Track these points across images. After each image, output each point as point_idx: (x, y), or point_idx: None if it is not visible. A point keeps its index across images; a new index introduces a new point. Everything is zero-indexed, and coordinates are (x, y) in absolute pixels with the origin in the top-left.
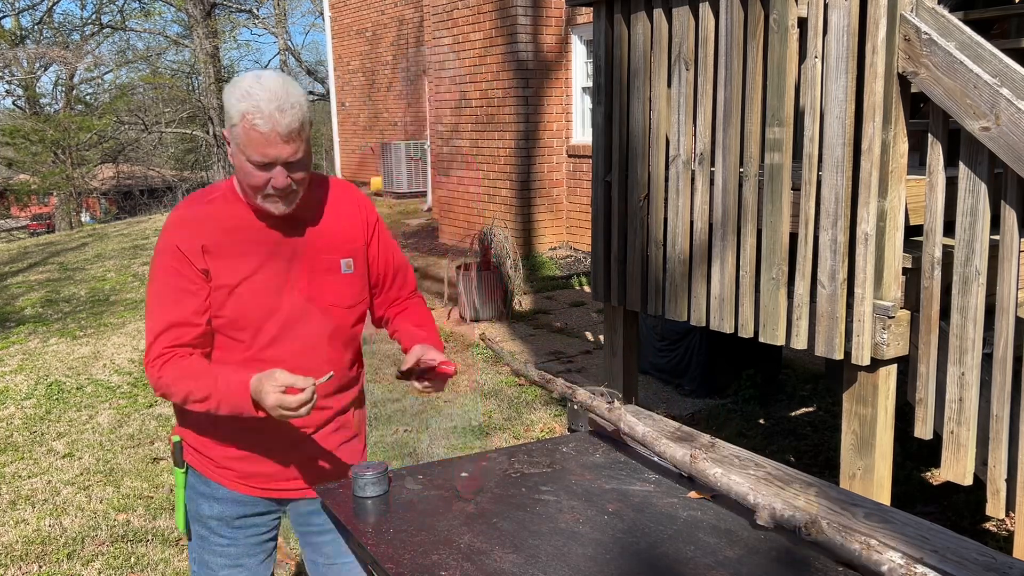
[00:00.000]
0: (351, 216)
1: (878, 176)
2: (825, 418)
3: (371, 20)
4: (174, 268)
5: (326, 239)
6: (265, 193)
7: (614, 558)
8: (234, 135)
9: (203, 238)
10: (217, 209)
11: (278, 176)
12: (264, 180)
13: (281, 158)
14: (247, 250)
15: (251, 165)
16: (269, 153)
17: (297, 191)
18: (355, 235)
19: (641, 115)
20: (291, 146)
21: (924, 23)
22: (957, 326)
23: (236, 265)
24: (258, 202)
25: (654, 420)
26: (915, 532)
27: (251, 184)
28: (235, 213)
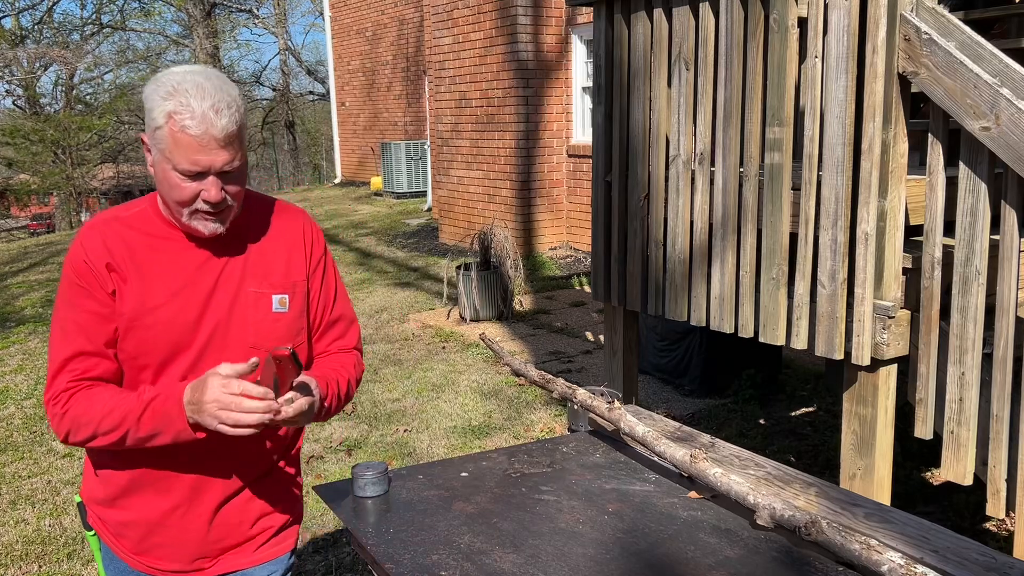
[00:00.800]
0: (293, 245)
1: (878, 176)
2: (825, 418)
3: (371, 20)
4: (80, 288)
5: (259, 269)
6: (194, 209)
7: (614, 558)
8: (157, 139)
9: (110, 256)
10: (131, 224)
11: (211, 188)
12: (193, 193)
13: (215, 166)
14: (161, 274)
15: (178, 175)
16: (201, 161)
17: (232, 207)
18: (295, 268)
19: (641, 115)
20: (227, 152)
21: (924, 23)
22: (957, 326)
23: (145, 290)
24: (185, 220)
25: (654, 420)
26: (915, 532)
27: (178, 199)
28: (152, 231)
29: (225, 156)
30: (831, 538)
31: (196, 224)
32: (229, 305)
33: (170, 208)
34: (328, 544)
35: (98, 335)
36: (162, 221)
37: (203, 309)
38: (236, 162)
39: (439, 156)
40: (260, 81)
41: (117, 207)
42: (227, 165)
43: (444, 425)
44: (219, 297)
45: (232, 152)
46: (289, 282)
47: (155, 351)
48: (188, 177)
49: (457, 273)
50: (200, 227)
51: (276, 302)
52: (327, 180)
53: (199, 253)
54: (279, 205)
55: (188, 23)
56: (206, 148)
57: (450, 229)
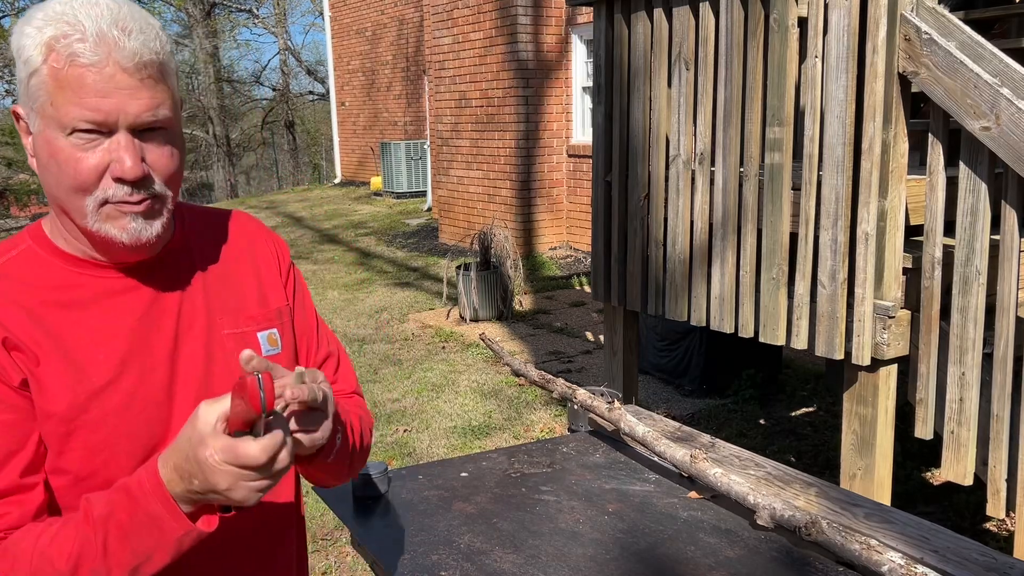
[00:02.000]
0: (262, 261)
1: (878, 176)
2: (825, 418)
3: (371, 20)
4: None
5: (228, 300)
6: (101, 200)
7: (614, 558)
8: (33, 93)
9: (3, 328)
10: (17, 276)
11: (122, 153)
12: (95, 168)
13: (127, 114)
14: (91, 338)
15: (69, 142)
16: (102, 105)
17: (163, 196)
18: (272, 291)
19: (641, 115)
20: (144, 93)
21: (924, 23)
22: (957, 326)
23: (76, 369)
24: (92, 226)
25: (654, 420)
26: (916, 532)
27: (73, 182)
28: (53, 277)
29: (141, 99)
30: (831, 538)
31: (109, 229)
32: (204, 359)
33: (70, 217)
34: (328, 544)
35: (10, 458)
36: (65, 259)
37: (170, 373)
38: (162, 110)
39: (439, 156)
40: (260, 81)
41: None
42: (146, 114)
43: (444, 425)
44: (186, 350)
45: (152, 94)
46: (272, 311)
47: (118, 456)
48: (84, 139)
49: (457, 273)
50: (115, 232)
51: (265, 340)
52: (327, 180)
53: (137, 294)
54: (219, 213)
55: (188, 23)
56: (109, 84)
57: (450, 229)
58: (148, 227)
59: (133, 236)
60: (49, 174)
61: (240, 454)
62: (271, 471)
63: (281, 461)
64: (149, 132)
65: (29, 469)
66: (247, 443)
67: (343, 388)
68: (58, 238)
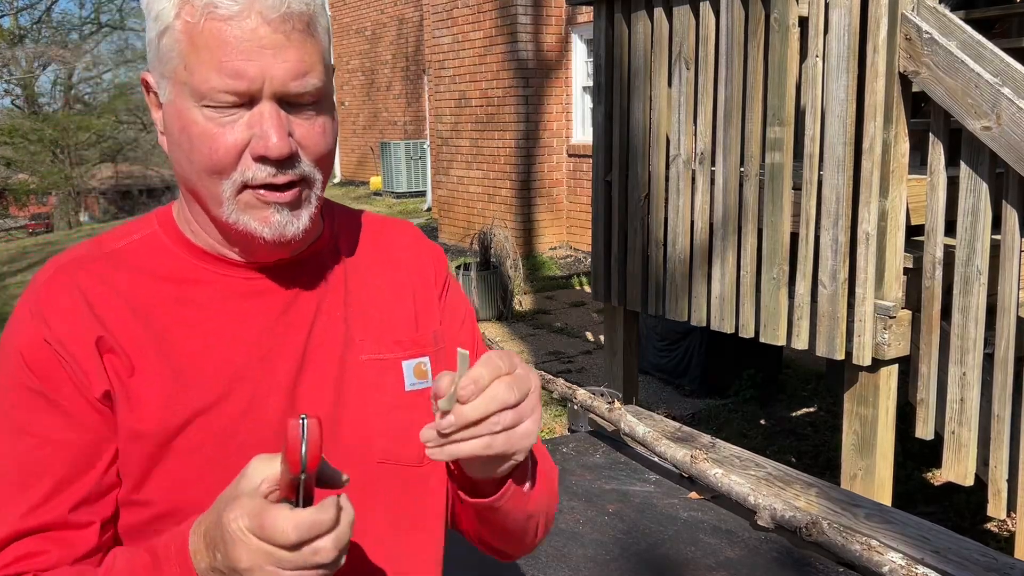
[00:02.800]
0: (418, 277)
1: (879, 176)
2: (826, 418)
3: (371, 19)
4: (33, 395)
5: (372, 319)
6: (241, 184)
7: (614, 559)
8: (165, 55)
9: (101, 326)
10: (134, 264)
11: (267, 126)
12: (235, 145)
13: (274, 78)
14: (204, 346)
15: (204, 113)
16: (247, 70)
17: (312, 180)
18: (427, 312)
19: (642, 114)
20: (291, 52)
21: (925, 22)
22: (958, 326)
23: (179, 382)
24: (229, 216)
25: (654, 420)
26: (916, 533)
27: (208, 163)
28: (174, 270)
29: (288, 60)
30: (832, 539)
31: (249, 221)
32: (333, 388)
33: (203, 204)
34: None
35: (63, 486)
36: (190, 251)
37: (289, 400)
38: (312, 77)
39: (439, 156)
40: None
41: (98, 237)
42: (295, 81)
43: None
44: (313, 374)
45: (301, 55)
46: (427, 336)
47: (209, 493)
48: (223, 111)
49: (457, 273)
50: (255, 225)
51: (411, 371)
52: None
53: (267, 299)
54: (374, 217)
55: None
56: (252, 42)
57: (450, 229)
58: (295, 220)
59: (276, 231)
60: (180, 152)
61: (266, 524)
62: (308, 561)
63: (322, 551)
64: (298, 104)
65: (86, 502)
66: (278, 511)
67: None
68: (186, 228)
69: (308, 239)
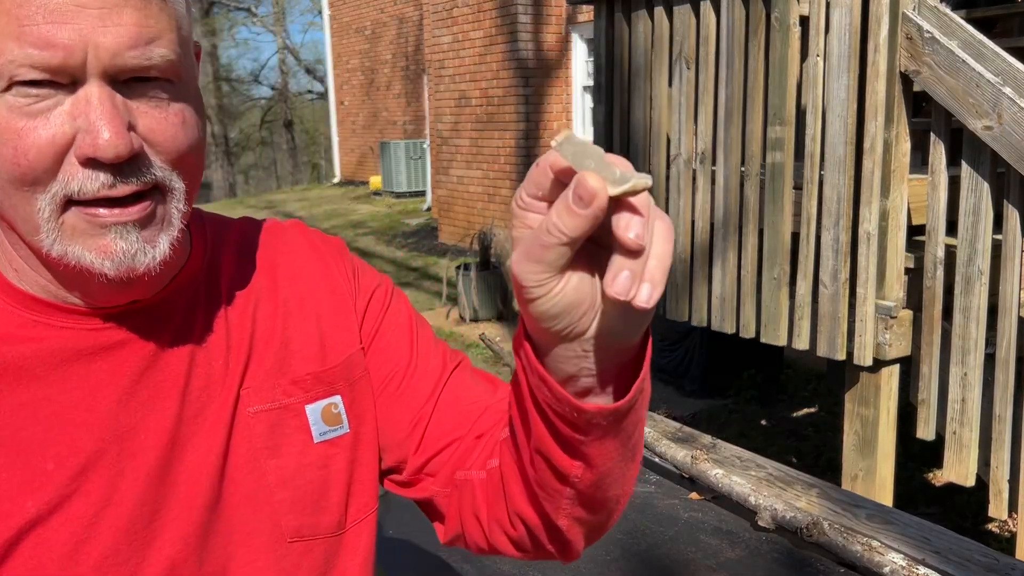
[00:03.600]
0: (324, 281)
1: (880, 175)
2: (827, 419)
3: (370, 18)
4: None
5: (271, 352)
6: (63, 196)
7: (615, 559)
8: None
9: None
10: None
11: (93, 114)
12: (49, 145)
13: (101, 46)
14: (44, 427)
15: (1, 103)
16: (56, 36)
17: (168, 187)
18: (342, 329)
19: (642, 114)
20: (127, 14)
21: (926, 21)
22: (959, 326)
23: (13, 478)
24: (50, 247)
25: (655, 421)
26: (917, 533)
27: (15, 172)
28: (4, 320)
29: (122, 24)
30: (833, 539)
31: (79, 252)
32: (218, 460)
33: (17, 231)
34: None
35: None
36: (14, 298)
37: (158, 487)
38: (158, 47)
39: (439, 155)
40: (258, 80)
41: None
42: (131, 50)
43: None
44: (193, 454)
45: (141, 17)
46: (336, 368)
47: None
48: (30, 97)
49: (457, 273)
50: (90, 257)
51: (318, 416)
52: (326, 179)
53: (123, 356)
54: (252, 224)
55: None
56: (65, 4)
57: (449, 229)
58: (147, 248)
59: (122, 263)
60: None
61: None
62: None
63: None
64: (140, 83)
65: None
66: None
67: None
68: (7, 268)
69: (171, 270)
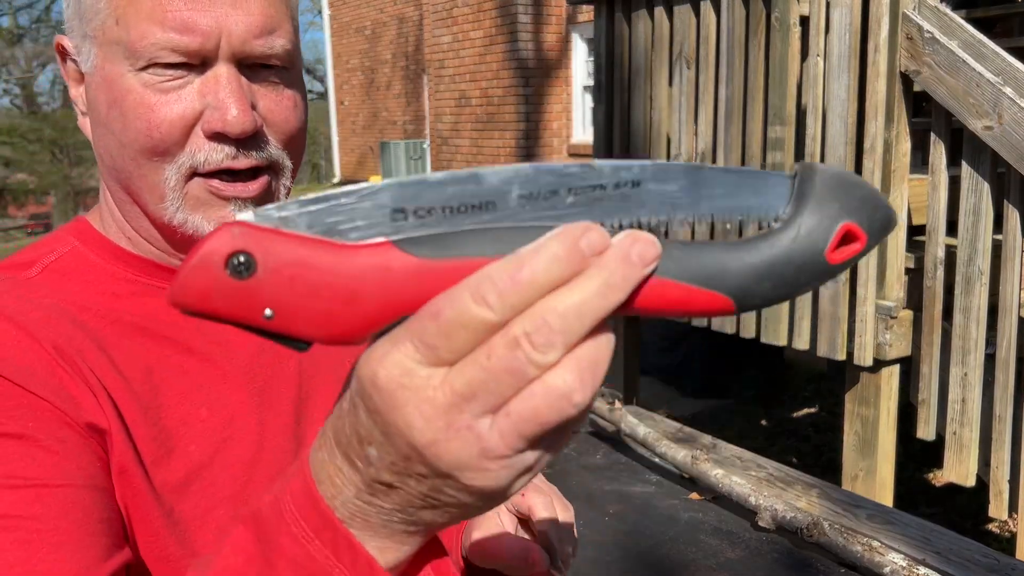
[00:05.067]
0: None
1: (880, 175)
2: (827, 419)
3: (370, 18)
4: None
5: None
6: (190, 166)
7: (615, 560)
8: (87, 10)
9: (67, 340)
10: (57, 287)
11: (223, 92)
12: (180, 120)
13: (233, 33)
14: (189, 385)
15: (138, 79)
16: (195, 21)
17: (281, 166)
18: None
19: (642, 114)
20: (255, 4)
21: (927, 21)
22: (960, 326)
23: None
24: (172, 216)
25: (655, 421)
26: (918, 533)
27: (147, 142)
28: (120, 289)
29: (252, 13)
30: (833, 540)
31: (199, 222)
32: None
33: (138, 200)
34: None
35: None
36: (133, 265)
37: (295, 444)
38: (279, 38)
39: (439, 155)
40: None
41: (4, 262)
42: (259, 39)
43: None
44: (313, 410)
45: (266, 7)
46: None
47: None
48: (164, 75)
49: None
50: (208, 228)
51: None
52: (325, 179)
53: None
54: None
55: None
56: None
57: None
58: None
59: None
60: (109, 133)
61: (444, 317)
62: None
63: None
64: (261, 68)
65: (109, 546)
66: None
67: None
68: (119, 237)
69: None
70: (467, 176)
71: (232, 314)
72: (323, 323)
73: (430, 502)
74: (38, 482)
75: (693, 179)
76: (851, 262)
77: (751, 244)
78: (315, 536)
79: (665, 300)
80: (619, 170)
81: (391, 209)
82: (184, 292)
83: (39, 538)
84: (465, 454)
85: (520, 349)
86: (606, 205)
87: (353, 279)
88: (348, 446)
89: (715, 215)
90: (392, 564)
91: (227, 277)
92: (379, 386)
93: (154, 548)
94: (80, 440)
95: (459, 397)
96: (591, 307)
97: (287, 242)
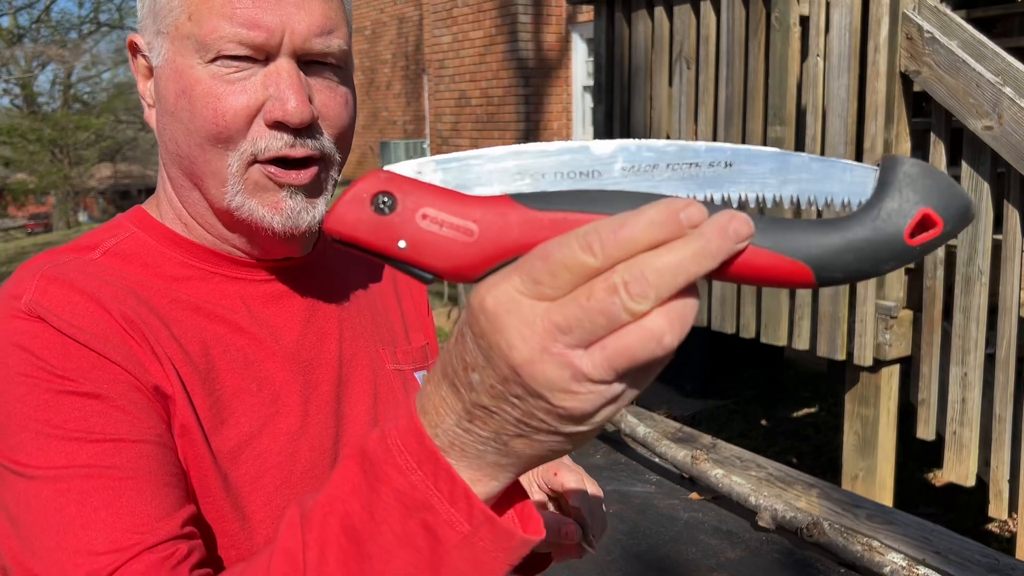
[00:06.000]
0: (407, 283)
1: None
2: (827, 419)
3: (370, 18)
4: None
5: (384, 323)
6: (251, 153)
7: (615, 560)
8: (161, 8)
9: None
10: (121, 266)
11: (284, 85)
12: (245, 109)
13: (296, 32)
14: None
15: (207, 71)
16: (262, 19)
17: (331, 158)
18: (416, 321)
19: (642, 113)
20: (316, 4)
21: (926, 21)
22: (959, 326)
23: (221, 398)
24: (231, 200)
25: (655, 421)
26: (917, 533)
27: (213, 130)
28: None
29: (313, 12)
30: (833, 540)
31: (255, 207)
32: (371, 400)
33: (200, 186)
34: None
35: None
36: (189, 250)
37: (336, 421)
38: (336, 38)
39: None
40: None
41: (55, 250)
42: (318, 38)
43: None
44: (353, 390)
45: (326, 9)
46: (418, 349)
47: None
48: (231, 67)
49: None
50: (262, 212)
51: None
52: None
53: (291, 305)
54: None
55: None
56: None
57: None
58: (310, 208)
59: (289, 220)
60: (176, 121)
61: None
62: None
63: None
64: (318, 66)
65: (181, 498)
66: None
67: None
68: (175, 223)
69: (314, 237)
70: (579, 147)
71: (373, 243)
72: (446, 257)
73: (522, 429)
74: (116, 436)
75: (781, 163)
76: (930, 246)
77: (833, 223)
78: (417, 467)
79: (752, 268)
80: (713, 151)
81: (512, 172)
82: (337, 221)
83: (122, 485)
84: (557, 376)
85: (617, 295)
86: (700, 180)
87: (474, 223)
88: (454, 375)
89: (799, 196)
90: (484, 497)
91: (372, 212)
92: (487, 310)
93: (211, 508)
94: (148, 402)
95: (556, 328)
96: (685, 268)
97: (422, 188)
